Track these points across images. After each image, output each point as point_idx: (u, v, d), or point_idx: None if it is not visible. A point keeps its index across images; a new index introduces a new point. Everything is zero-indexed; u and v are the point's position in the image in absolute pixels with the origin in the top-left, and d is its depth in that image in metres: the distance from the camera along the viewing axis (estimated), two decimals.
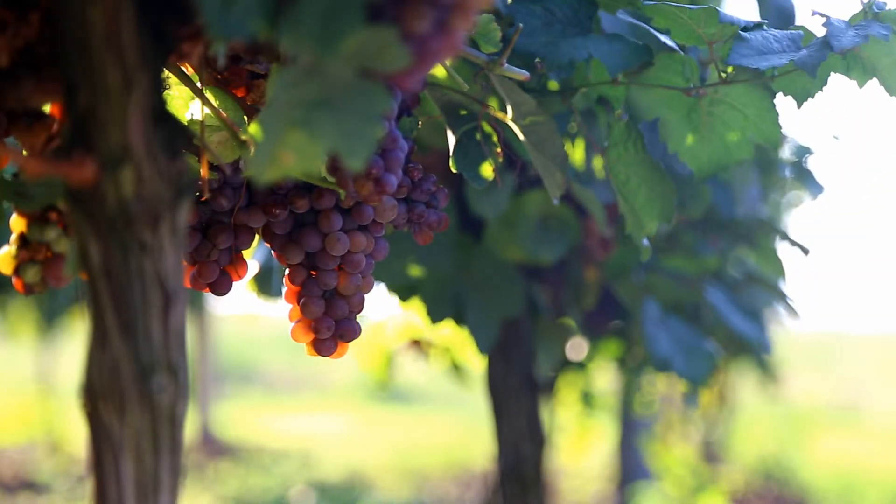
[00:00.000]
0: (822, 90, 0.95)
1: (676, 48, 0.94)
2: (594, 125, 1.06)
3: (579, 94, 1.02)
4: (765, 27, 0.93)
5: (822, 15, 0.91)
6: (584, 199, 1.28)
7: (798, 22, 1.38)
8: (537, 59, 0.94)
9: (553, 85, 1.03)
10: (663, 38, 0.94)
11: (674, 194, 1.03)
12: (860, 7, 0.93)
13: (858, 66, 0.94)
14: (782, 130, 0.98)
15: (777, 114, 0.97)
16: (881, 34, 0.88)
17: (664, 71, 0.97)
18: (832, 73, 0.94)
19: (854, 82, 0.95)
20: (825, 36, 0.89)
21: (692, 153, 1.01)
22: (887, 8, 0.92)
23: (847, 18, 0.93)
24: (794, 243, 1.86)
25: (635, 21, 0.98)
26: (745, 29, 0.92)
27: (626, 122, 1.01)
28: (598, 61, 0.94)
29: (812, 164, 2.08)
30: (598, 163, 1.43)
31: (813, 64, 0.88)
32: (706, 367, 1.59)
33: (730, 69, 0.94)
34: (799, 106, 0.95)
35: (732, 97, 0.96)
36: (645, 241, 1.06)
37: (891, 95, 0.94)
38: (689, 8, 0.91)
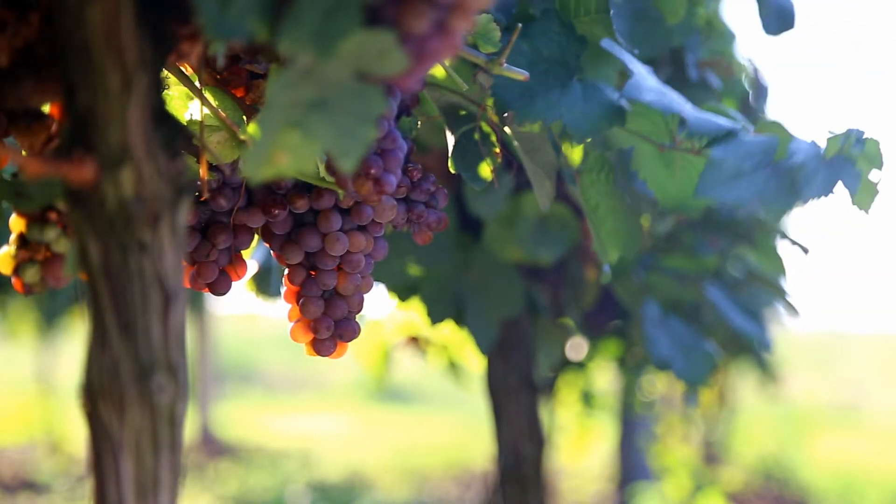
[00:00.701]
0: (786, 211, 0.97)
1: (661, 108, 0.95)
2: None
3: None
4: (740, 133, 0.92)
5: (795, 141, 0.92)
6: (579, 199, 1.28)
7: (798, 21, 1.38)
8: (510, 110, 0.93)
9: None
10: (648, 98, 0.94)
11: (638, 231, 1.05)
12: (839, 133, 0.92)
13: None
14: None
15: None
16: (851, 187, 0.90)
17: (641, 118, 0.98)
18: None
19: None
20: (794, 174, 0.90)
21: (661, 186, 1.04)
22: (866, 140, 0.92)
23: (825, 141, 0.92)
24: (794, 242, 1.86)
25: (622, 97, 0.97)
26: (724, 136, 0.91)
27: (601, 153, 1.02)
28: None
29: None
30: None
31: (779, 208, 0.90)
32: (705, 368, 1.59)
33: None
34: (776, 221, 0.98)
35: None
36: (605, 268, 1.09)
37: (853, 204, 0.95)
38: (661, 111, 0.92)
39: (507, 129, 0.95)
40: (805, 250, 1.85)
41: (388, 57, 0.60)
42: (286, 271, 0.90)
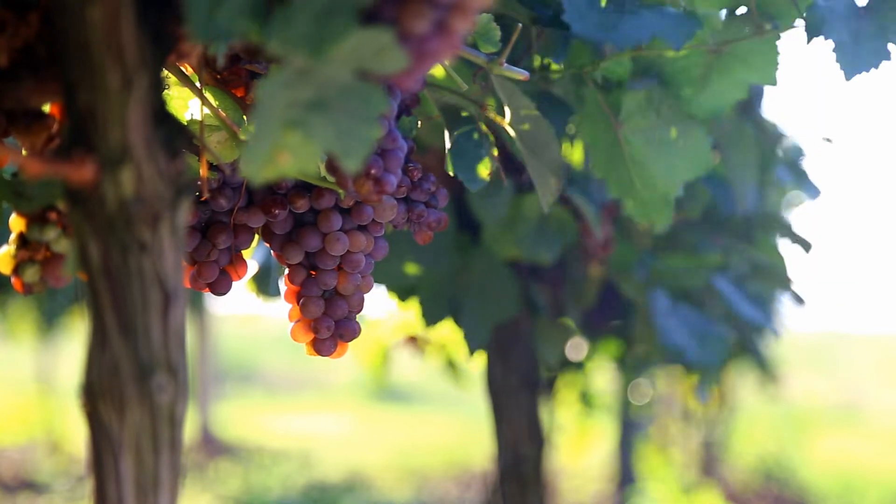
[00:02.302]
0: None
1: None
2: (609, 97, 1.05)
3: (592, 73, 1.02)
4: None
5: None
6: (579, 203, 1.29)
7: None
8: (604, 45, 0.93)
9: (555, 68, 1.04)
10: (673, 11, 0.95)
11: (708, 142, 1.03)
12: None
13: None
14: (779, 69, 1.00)
15: (778, 55, 1.00)
16: None
17: None
18: None
19: None
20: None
21: (685, 102, 1.04)
22: None
23: None
24: (795, 239, 1.87)
25: None
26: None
27: (646, 90, 1.01)
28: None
29: (808, 165, 2.08)
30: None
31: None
32: (721, 352, 1.58)
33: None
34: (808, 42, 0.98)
35: (740, 49, 0.99)
36: (668, 209, 1.06)
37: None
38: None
39: (509, 129, 0.95)
40: (807, 247, 1.85)
41: (388, 55, 0.60)
42: (286, 271, 0.90)
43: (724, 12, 1.01)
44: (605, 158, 1.04)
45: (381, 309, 2.23)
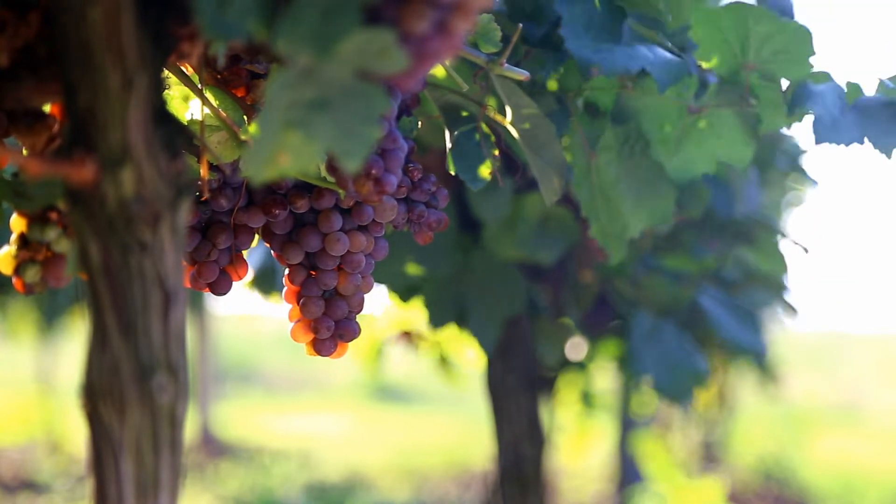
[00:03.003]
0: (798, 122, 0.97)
1: (693, 70, 0.96)
2: (584, 127, 1.06)
3: (571, 97, 1.03)
4: (809, 80, 0.94)
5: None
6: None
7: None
8: (592, 66, 0.94)
9: (552, 85, 1.04)
10: (668, 54, 0.95)
11: (672, 196, 1.04)
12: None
13: None
14: (752, 154, 1.01)
15: (752, 139, 1.00)
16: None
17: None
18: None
19: None
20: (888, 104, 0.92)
21: (668, 158, 1.04)
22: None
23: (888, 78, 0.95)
24: (794, 242, 1.86)
25: (638, 22, 0.98)
26: (797, 92, 0.94)
27: (625, 126, 1.02)
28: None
29: (807, 163, 2.09)
30: None
31: (889, 146, 0.92)
32: (689, 385, 1.57)
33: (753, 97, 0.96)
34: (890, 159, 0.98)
35: (716, 119, 0.99)
36: (623, 246, 1.09)
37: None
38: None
39: (510, 128, 0.95)
40: (805, 250, 1.85)
41: (389, 55, 0.60)
42: (286, 271, 0.90)
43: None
44: (580, 178, 1.05)
45: (376, 304, 2.22)
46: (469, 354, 2.06)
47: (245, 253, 0.91)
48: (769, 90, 0.96)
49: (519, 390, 1.68)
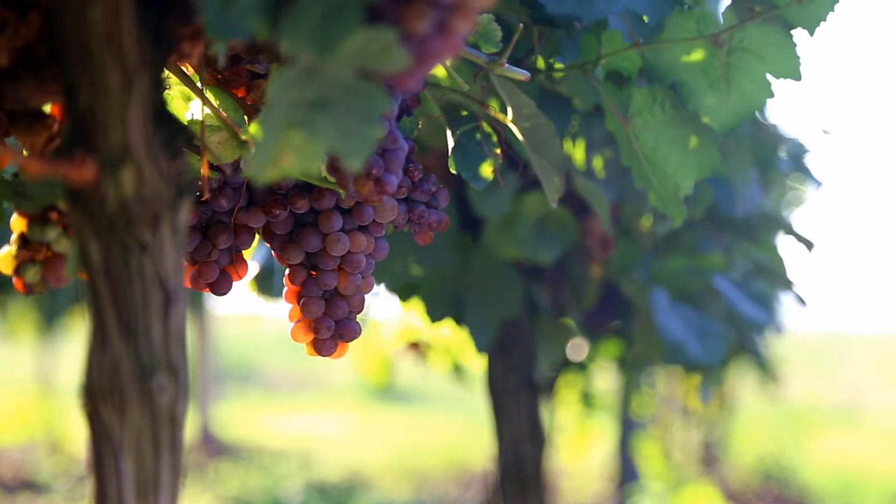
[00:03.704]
0: (833, 10, 0.94)
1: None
2: (619, 96, 1.05)
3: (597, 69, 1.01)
4: None
5: None
6: (589, 194, 1.28)
7: None
8: (574, 21, 0.93)
9: (559, 67, 1.03)
10: None
11: (715, 142, 1.02)
12: None
13: None
14: (801, 62, 0.98)
15: (795, 46, 0.97)
16: None
17: (678, 30, 0.97)
18: None
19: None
20: None
21: (713, 110, 1.01)
22: None
23: None
24: (798, 238, 1.86)
25: None
26: None
27: (650, 86, 1.00)
28: (614, 31, 0.94)
29: (810, 161, 2.09)
30: (598, 163, 1.43)
31: None
32: (722, 348, 1.56)
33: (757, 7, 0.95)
34: (811, 34, 0.95)
35: (749, 41, 0.96)
36: (681, 206, 1.05)
37: None
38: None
39: (512, 126, 0.95)
40: (810, 245, 1.85)
41: (390, 54, 0.60)
42: (287, 271, 0.90)
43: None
44: (625, 150, 1.03)
45: (383, 315, 2.23)
46: (474, 357, 2.06)
47: (246, 253, 0.91)
48: None
49: (519, 390, 1.68)
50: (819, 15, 0.94)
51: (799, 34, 0.96)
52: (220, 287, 0.89)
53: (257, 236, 0.90)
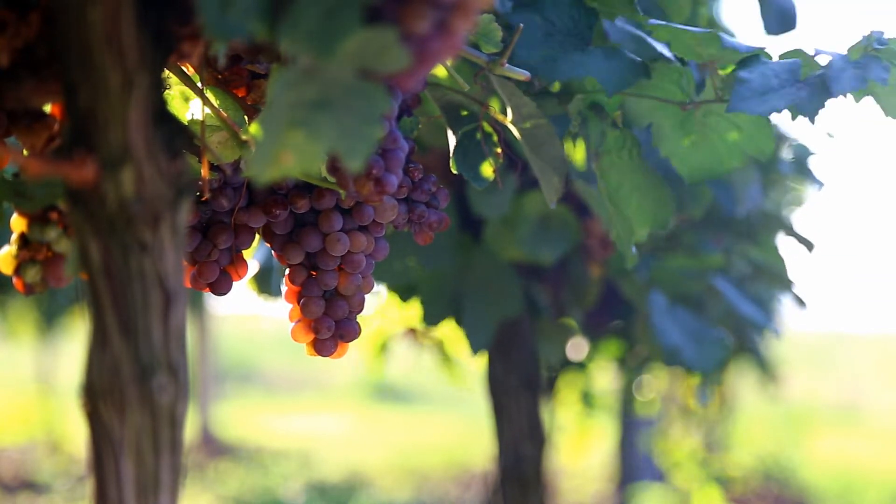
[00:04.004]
0: (819, 110, 0.95)
1: (675, 60, 0.95)
2: (586, 130, 1.06)
3: (575, 100, 1.02)
4: (762, 57, 0.93)
5: (820, 54, 0.92)
6: (589, 197, 1.28)
7: (799, 21, 1.38)
8: (534, 77, 0.94)
9: (555, 87, 1.04)
10: (661, 48, 0.95)
11: (671, 201, 1.04)
12: (860, 38, 0.92)
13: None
14: (774, 143, 1.00)
15: (771, 127, 1.00)
16: (880, 78, 0.89)
17: (661, 80, 0.98)
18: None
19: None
20: (823, 77, 0.90)
21: (683, 158, 1.04)
22: (888, 39, 0.92)
23: (846, 50, 0.93)
24: (799, 238, 1.87)
25: (634, 30, 0.98)
26: (744, 61, 0.92)
27: (622, 130, 1.01)
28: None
29: (812, 162, 2.08)
30: None
31: (812, 110, 0.90)
32: (718, 355, 1.57)
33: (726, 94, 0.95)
34: (793, 119, 0.96)
35: (725, 112, 0.97)
36: (633, 249, 1.08)
37: (887, 116, 0.95)
38: (692, 30, 0.92)
39: (511, 127, 0.95)
40: (810, 246, 1.85)
41: (390, 54, 0.60)
42: (287, 271, 0.90)
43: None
44: (598, 179, 1.05)
45: (381, 301, 2.22)
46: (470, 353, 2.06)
47: (246, 253, 0.91)
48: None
49: (519, 390, 1.68)
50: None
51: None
52: (220, 287, 0.89)
53: (257, 236, 0.90)
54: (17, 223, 0.82)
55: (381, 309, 2.24)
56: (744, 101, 0.90)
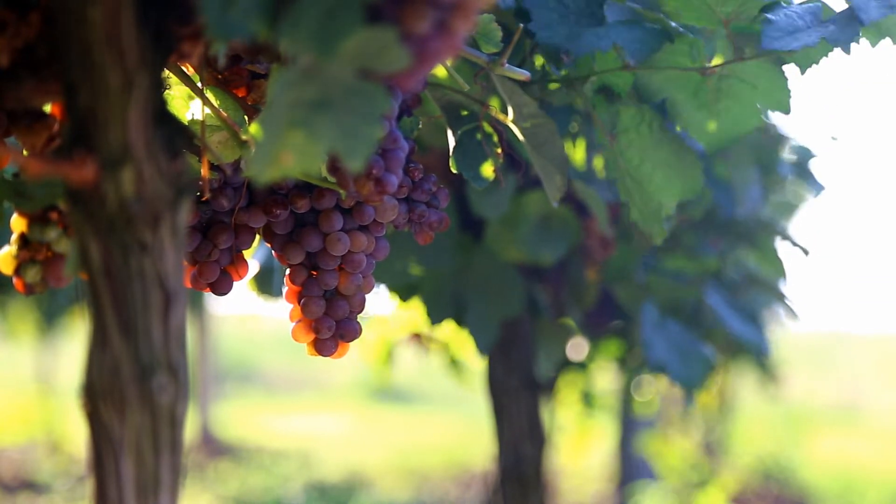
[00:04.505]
0: (826, 56, 0.95)
1: (683, 30, 0.95)
2: (600, 113, 1.06)
3: (588, 83, 1.02)
4: (782, 2, 0.93)
5: None
6: (587, 197, 1.28)
7: None
8: (562, 53, 0.94)
9: (553, 78, 1.03)
10: (665, 20, 0.95)
11: (698, 166, 1.03)
12: None
13: (873, 28, 0.95)
14: (792, 96, 0.99)
15: (786, 80, 0.98)
16: None
17: (672, 54, 0.97)
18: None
19: (865, 44, 0.96)
20: (850, 9, 0.90)
21: (701, 128, 1.02)
22: None
23: None
24: (794, 244, 1.86)
25: (638, 6, 0.98)
26: (767, 6, 0.93)
27: (638, 106, 1.01)
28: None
29: (813, 164, 2.08)
30: (598, 163, 1.43)
31: (846, 40, 0.90)
32: (701, 372, 1.59)
33: (747, 49, 0.95)
34: (802, 72, 0.96)
35: (741, 71, 0.97)
36: (664, 224, 1.06)
37: None
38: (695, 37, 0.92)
39: (513, 126, 0.95)
40: (805, 252, 1.85)
41: (390, 54, 0.60)
42: (287, 271, 0.90)
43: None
44: (611, 165, 1.04)
45: (385, 306, 2.22)
46: (475, 354, 2.06)
47: (246, 253, 0.91)
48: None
49: (520, 390, 1.68)
50: (812, 58, 0.95)
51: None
52: (221, 287, 0.89)
53: (258, 236, 0.90)
54: (17, 223, 0.82)
55: (385, 317, 2.24)
56: (776, 41, 0.89)
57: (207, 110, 0.81)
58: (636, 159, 1.02)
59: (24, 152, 0.78)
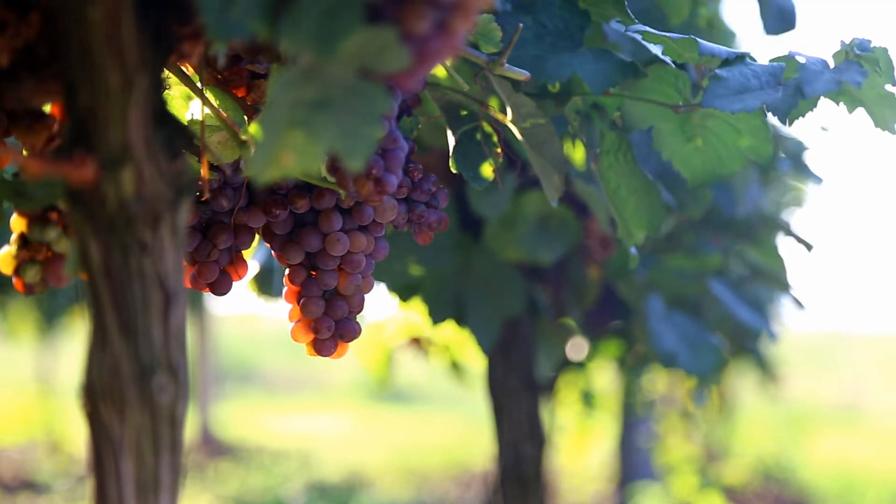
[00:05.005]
0: (812, 111, 0.95)
1: (669, 62, 0.95)
2: (590, 129, 1.06)
3: (575, 99, 1.02)
4: (747, 59, 0.93)
5: (799, 55, 0.92)
6: (588, 196, 1.28)
7: (799, 21, 1.38)
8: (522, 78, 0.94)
9: (555, 87, 1.04)
10: (656, 50, 0.95)
11: (663, 205, 1.04)
12: (841, 44, 0.92)
13: (846, 96, 0.95)
14: (772, 147, 1.00)
15: (768, 130, 0.99)
16: (855, 81, 0.89)
17: (658, 83, 0.98)
18: (822, 98, 0.94)
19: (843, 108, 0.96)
20: (798, 80, 0.90)
21: (686, 161, 1.03)
22: (873, 47, 0.92)
23: (830, 55, 0.93)
24: (798, 239, 1.87)
25: (632, 34, 0.98)
26: (725, 62, 0.92)
27: (617, 132, 1.01)
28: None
29: (809, 159, 2.08)
30: None
31: (785, 110, 0.90)
32: (713, 361, 1.58)
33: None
34: (784, 124, 0.96)
35: (725, 114, 0.97)
36: (632, 250, 1.08)
37: (876, 127, 0.95)
38: (672, 36, 0.92)
39: (511, 126, 0.95)
40: (809, 247, 1.85)
41: (390, 54, 0.60)
42: (287, 271, 0.90)
43: None
44: (600, 180, 1.05)
45: (384, 311, 2.22)
46: (475, 356, 2.06)
47: (246, 253, 0.91)
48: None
49: (520, 390, 1.68)
50: (799, 112, 0.95)
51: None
52: (220, 287, 0.89)
53: (257, 236, 0.90)
54: (17, 223, 0.82)
55: (383, 322, 2.24)
56: (718, 99, 0.90)
57: (207, 110, 0.81)
58: (613, 183, 1.03)
59: (24, 152, 0.78)
